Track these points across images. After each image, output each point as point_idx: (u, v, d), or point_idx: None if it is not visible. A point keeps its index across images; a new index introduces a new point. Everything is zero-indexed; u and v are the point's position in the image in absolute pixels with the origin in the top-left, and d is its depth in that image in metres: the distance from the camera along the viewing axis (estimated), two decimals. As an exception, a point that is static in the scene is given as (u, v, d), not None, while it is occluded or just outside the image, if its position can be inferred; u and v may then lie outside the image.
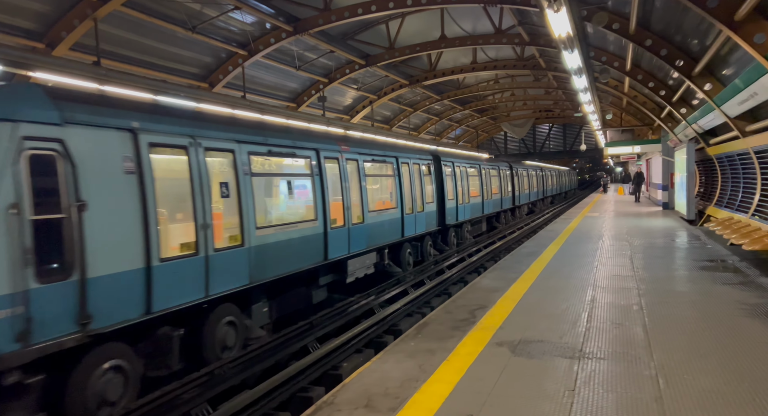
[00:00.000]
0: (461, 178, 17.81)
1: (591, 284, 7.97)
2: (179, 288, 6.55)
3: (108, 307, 5.59)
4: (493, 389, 4.23)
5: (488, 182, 21.55)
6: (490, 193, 21.67)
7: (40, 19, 10.50)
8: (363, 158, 11.53)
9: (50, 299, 5.00)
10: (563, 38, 8.45)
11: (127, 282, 5.83)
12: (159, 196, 6.29)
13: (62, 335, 5.11)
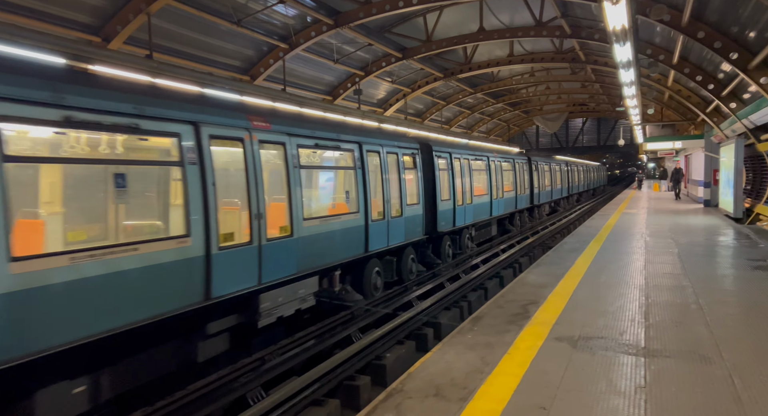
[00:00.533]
0: (461, 173, 14.72)
1: (642, 282, 7.86)
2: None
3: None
4: (561, 383, 4.26)
5: (499, 178, 18.19)
6: (500, 191, 18.35)
7: (97, 14, 10.85)
8: (294, 141, 7.87)
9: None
10: (617, 31, 8.28)
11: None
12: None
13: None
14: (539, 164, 24.37)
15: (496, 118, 40.45)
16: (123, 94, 5.56)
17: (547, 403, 3.90)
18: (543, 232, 20.06)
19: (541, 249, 16.61)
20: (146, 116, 5.63)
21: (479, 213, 16.28)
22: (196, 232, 6.02)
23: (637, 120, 22.29)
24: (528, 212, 23.47)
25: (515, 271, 13.61)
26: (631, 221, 16.99)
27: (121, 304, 5.17)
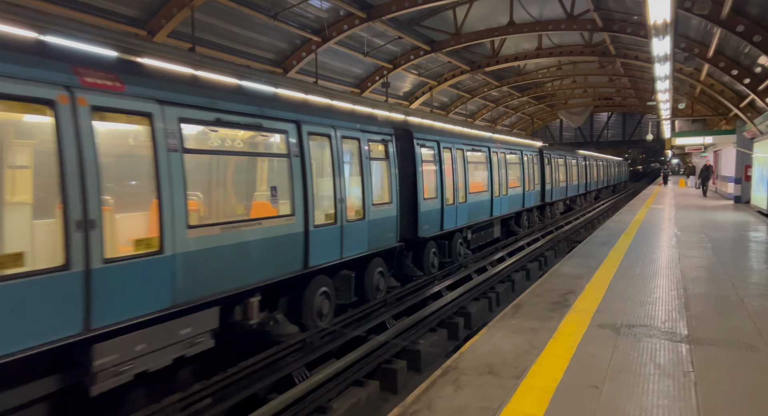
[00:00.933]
0: (453, 166, 12.52)
1: (679, 275, 7.96)
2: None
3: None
4: (609, 366, 4.45)
5: (502, 172, 15.87)
6: (504, 187, 16.00)
7: (144, 8, 11.23)
8: (173, 113, 5.58)
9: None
10: (658, 25, 8.32)
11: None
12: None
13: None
14: (552, 157, 21.79)
15: (520, 111, 40.21)
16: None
17: (599, 383, 4.10)
18: (557, 233, 18.43)
19: (554, 254, 15.22)
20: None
21: (476, 214, 13.90)
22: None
23: (666, 114, 22.04)
24: (539, 211, 21.01)
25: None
26: (660, 216, 16.92)
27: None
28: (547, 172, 21.10)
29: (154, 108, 5.42)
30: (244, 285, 6.42)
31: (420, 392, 4.02)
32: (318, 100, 13.46)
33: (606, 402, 3.77)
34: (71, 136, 4.56)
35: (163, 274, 5.37)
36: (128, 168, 6.08)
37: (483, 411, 3.65)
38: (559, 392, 3.94)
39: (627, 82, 30.32)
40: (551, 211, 23.12)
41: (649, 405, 3.70)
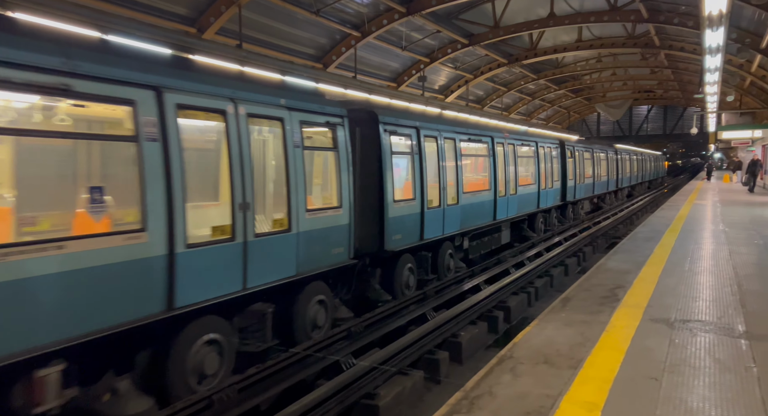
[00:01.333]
0: (440, 159, 10.27)
1: (731, 271, 7.80)
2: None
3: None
4: (666, 358, 4.47)
5: (510, 167, 13.45)
6: (512, 185, 13.57)
7: (194, 6, 11.63)
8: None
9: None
10: (713, 16, 8.12)
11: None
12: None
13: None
14: (576, 150, 19.26)
15: (556, 104, 39.54)
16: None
17: (657, 375, 4.13)
18: (578, 237, 15.68)
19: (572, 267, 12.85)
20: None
21: (474, 217, 11.53)
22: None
23: (713, 107, 21.32)
24: (559, 211, 18.70)
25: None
26: (705, 212, 16.46)
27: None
28: (569, 167, 18.58)
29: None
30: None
31: (479, 378, 4.14)
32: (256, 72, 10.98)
33: (667, 393, 3.80)
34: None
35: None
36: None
37: (543, 398, 3.75)
38: (617, 382, 4.00)
39: (670, 74, 29.43)
40: (574, 212, 20.54)
41: (712, 398, 3.73)
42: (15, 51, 4.06)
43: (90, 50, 4.87)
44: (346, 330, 7.49)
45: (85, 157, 5.48)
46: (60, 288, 4.23)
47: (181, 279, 5.17)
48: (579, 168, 19.67)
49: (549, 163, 16.72)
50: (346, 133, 7.82)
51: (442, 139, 10.54)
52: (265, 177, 7.00)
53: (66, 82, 4.25)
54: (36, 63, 4.12)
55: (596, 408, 3.59)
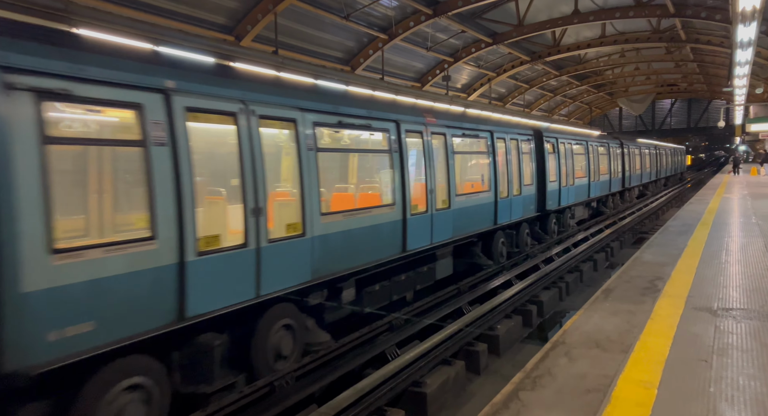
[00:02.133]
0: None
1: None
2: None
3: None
4: (713, 343, 4.71)
5: (429, 167, 9.10)
6: (444, 197, 9.66)
7: (231, 15, 12.12)
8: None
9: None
10: (746, 12, 8.25)
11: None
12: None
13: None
14: (560, 143, 15.03)
15: (578, 100, 39.38)
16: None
17: (707, 357, 4.38)
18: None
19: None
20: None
21: (362, 253, 7.61)
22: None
23: (741, 100, 21.14)
24: (535, 225, 14.25)
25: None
26: (735, 205, 16.39)
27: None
28: (550, 165, 14.25)
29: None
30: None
31: (536, 361, 4.45)
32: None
33: (718, 373, 4.06)
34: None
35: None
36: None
37: (601, 378, 4.04)
38: (669, 364, 4.27)
39: (695, 67, 29.14)
40: (561, 223, 16.04)
41: (762, 377, 3.97)
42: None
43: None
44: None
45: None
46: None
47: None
48: (568, 165, 15.64)
49: (516, 161, 12.54)
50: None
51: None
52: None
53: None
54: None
55: (652, 386, 3.87)
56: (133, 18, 8.81)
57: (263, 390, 5.96)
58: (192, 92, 5.40)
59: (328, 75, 13.66)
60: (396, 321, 8.39)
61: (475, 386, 7.06)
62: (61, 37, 5.63)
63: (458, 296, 9.66)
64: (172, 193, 5.01)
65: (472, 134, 10.92)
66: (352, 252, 7.43)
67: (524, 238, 13.33)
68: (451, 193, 9.84)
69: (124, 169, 5.53)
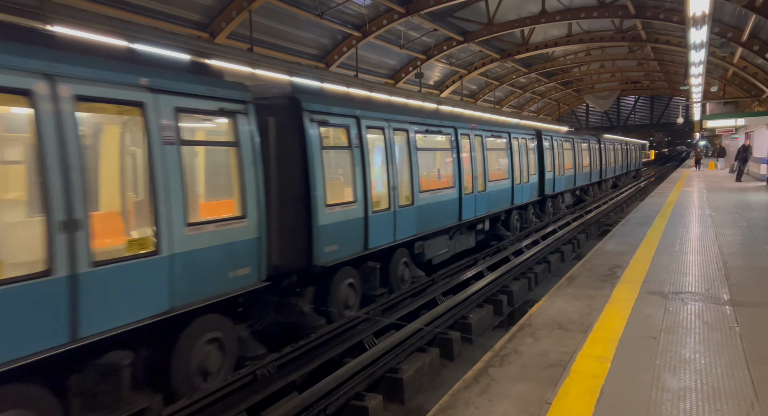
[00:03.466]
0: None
1: (717, 250, 8.58)
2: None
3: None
4: (662, 322, 5.19)
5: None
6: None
7: (206, 12, 12.15)
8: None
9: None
10: (696, 17, 8.84)
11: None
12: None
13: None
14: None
15: (546, 97, 40.37)
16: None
17: (656, 335, 4.85)
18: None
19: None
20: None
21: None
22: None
23: (698, 98, 22.20)
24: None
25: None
26: (692, 198, 17.31)
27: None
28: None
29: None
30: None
31: (504, 341, 4.84)
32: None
33: (664, 348, 4.53)
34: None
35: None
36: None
37: (562, 354, 4.45)
38: (622, 341, 4.71)
39: (656, 66, 30.33)
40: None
41: (702, 350, 4.45)
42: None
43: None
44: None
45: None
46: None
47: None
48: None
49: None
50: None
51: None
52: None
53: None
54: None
55: (606, 361, 4.30)
56: (108, 15, 8.82)
57: (246, 378, 6.21)
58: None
59: (303, 72, 13.82)
60: (373, 311, 8.74)
61: (448, 371, 7.42)
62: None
63: (432, 286, 10.06)
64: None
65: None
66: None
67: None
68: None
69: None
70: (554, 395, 3.73)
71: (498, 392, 3.83)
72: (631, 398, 3.65)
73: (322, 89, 12.15)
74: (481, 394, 3.81)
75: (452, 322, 8.42)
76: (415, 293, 9.74)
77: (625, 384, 3.87)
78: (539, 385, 3.90)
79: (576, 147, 20.51)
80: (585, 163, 22.19)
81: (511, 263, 11.52)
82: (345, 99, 9.41)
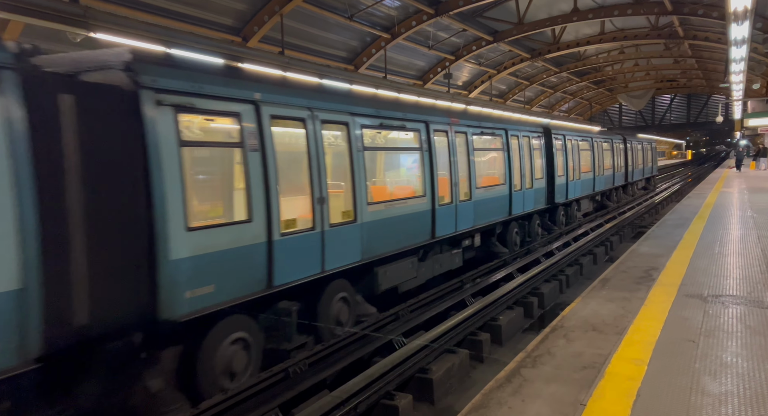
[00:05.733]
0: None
1: (759, 253, 8.27)
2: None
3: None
4: (701, 326, 5.05)
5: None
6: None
7: (239, 17, 12.43)
8: None
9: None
10: (738, 12, 8.56)
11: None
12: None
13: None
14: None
15: (578, 96, 39.63)
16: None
17: (695, 338, 4.73)
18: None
19: None
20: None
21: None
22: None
23: (738, 95, 21.42)
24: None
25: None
26: (732, 200, 16.71)
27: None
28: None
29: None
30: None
31: (537, 343, 4.79)
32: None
33: (704, 352, 4.40)
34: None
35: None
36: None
37: (596, 356, 4.39)
38: (659, 344, 4.61)
39: (694, 63, 29.39)
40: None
41: (744, 355, 4.32)
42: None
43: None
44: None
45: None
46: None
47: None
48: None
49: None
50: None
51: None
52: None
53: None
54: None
55: (643, 363, 4.21)
56: (147, 22, 9.14)
57: (278, 376, 6.32)
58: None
59: (333, 74, 13.97)
60: (402, 311, 8.75)
61: (478, 373, 7.38)
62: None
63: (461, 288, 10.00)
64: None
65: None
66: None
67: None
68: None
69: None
70: (589, 396, 3.68)
71: (531, 392, 3.80)
72: (669, 401, 3.57)
73: (204, 63, 7.98)
74: (513, 394, 3.80)
75: (482, 324, 8.37)
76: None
77: (662, 387, 3.79)
78: (573, 386, 3.85)
79: (596, 147, 18.02)
80: (607, 165, 19.81)
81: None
82: (238, 75, 6.65)
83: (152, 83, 4.85)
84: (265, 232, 5.92)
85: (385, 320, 8.38)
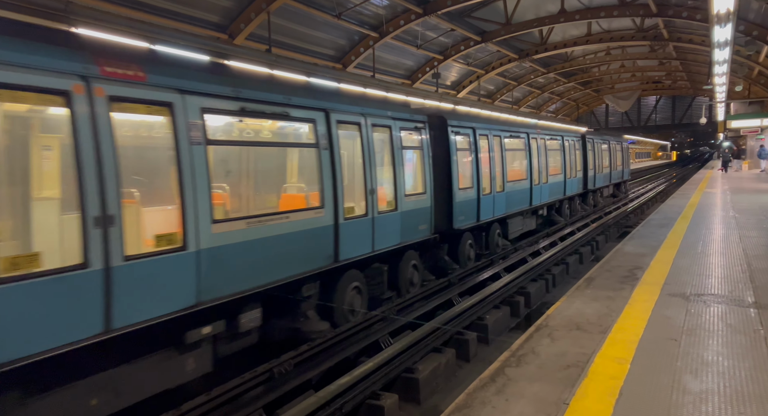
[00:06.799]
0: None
1: (741, 252, 8.38)
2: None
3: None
4: (683, 324, 5.10)
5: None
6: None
7: (226, 14, 12.31)
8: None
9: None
10: (720, 14, 8.66)
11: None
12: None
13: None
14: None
15: (565, 97, 39.95)
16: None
17: (677, 337, 4.77)
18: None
19: None
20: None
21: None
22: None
23: (722, 97, 21.73)
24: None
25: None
26: (715, 200, 16.95)
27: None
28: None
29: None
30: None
31: (522, 341, 4.80)
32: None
33: (685, 350, 4.44)
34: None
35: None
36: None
37: (580, 355, 4.40)
38: (642, 343, 4.64)
39: (679, 65, 29.77)
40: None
41: (724, 353, 4.36)
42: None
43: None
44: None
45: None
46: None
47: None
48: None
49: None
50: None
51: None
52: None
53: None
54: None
55: (625, 362, 4.24)
56: (131, 17, 9.01)
57: (263, 376, 6.26)
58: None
59: (320, 73, 13.91)
60: (389, 311, 8.74)
61: (464, 372, 7.39)
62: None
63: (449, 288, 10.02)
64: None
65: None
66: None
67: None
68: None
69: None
70: (572, 395, 3.69)
71: (515, 391, 3.80)
72: (651, 400, 3.59)
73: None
74: (497, 393, 3.79)
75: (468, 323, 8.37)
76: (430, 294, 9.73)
77: (644, 385, 3.81)
78: (557, 386, 3.86)
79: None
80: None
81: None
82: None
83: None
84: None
85: (374, 318, 8.38)
